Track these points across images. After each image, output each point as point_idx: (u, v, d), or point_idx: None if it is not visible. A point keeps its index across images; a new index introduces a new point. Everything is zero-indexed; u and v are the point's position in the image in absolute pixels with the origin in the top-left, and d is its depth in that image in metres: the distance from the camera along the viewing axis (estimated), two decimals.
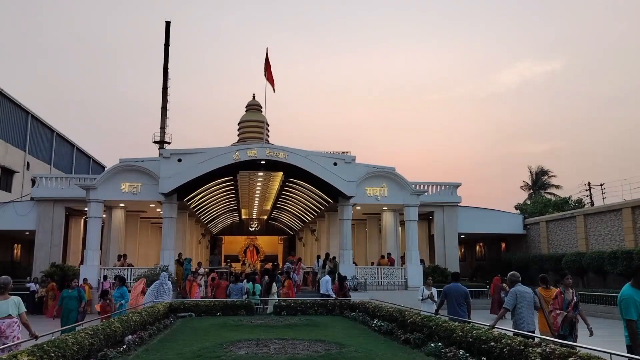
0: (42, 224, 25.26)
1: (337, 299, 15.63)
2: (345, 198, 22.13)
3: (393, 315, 11.17)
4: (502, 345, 6.81)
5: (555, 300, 8.96)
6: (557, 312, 8.84)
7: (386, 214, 25.75)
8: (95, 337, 7.56)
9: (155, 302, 13.70)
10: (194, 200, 24.71)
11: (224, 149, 22.28)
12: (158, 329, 11.01)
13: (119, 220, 24.48)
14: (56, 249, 25.23)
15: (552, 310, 8.98)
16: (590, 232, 24.89)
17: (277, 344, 8.85)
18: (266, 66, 25.74)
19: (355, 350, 8.29)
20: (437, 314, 10.20)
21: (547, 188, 48.90)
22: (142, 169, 21.63)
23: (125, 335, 9.04)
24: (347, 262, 21.84)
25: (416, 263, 22.44)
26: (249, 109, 37.86)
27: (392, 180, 23.04)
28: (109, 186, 21.59)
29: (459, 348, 7.75)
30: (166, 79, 50.93)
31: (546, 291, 9.45)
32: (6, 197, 31.04)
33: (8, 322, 7.25)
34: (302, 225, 35.54)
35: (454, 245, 28.08)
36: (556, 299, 8.98)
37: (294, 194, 27.78)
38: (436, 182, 28.40)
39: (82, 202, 23.11)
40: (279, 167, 22.34)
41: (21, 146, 35.56)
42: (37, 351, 5.80)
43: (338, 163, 22.17)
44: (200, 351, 8.11)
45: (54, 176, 27.62)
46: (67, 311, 12.51)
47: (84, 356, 7.00)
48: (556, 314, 8.88)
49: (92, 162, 50.83)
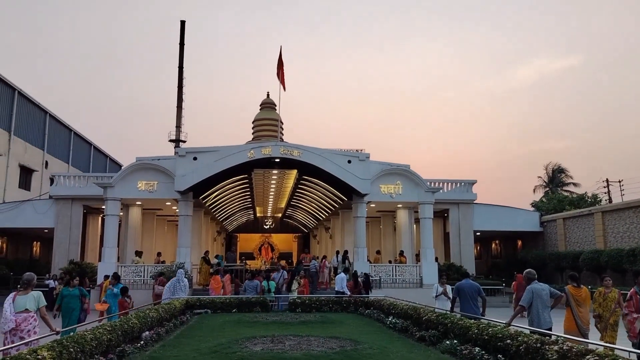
0: (61, 222, 25.63)
1: (351, 297, 15.65)
2: (360, 196, 22.09)
3: (408, 313, 11.17)
4: (518, 343, 6.78)
5: (630, 302, 8.41)
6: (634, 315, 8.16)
7: (401, 211, 25.67)
8: (113, 333, 7.68)
9: (172, 299, 13.85)
10: (209, 198, 24.87)
11: (239, 147, 22.39)
12: (174, 325, 11.15)
13: (135, 218, 24.74)
14: (74, 246, 25.59)
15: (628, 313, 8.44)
16: (609, 230, 24.56)
17: (292, 340, 8.90)
18: (279, 65, 25.82)
19: (370, 347, 8.31)
20: (453, 311, 10.16)
21: (564, 186, 48.27)
22: (158, 167, 21.83)
23: (143, 332, 9.17)
24: (361, 260, 21.82)
25: (431, 261, 22.34)
26: (263, 107, 37.99)
27: (407, 178, 22.95)
28: (126, 184, 21.83)
29: (475, 345, 7.73)
30: (181, 78, 51.34)
31: (576, 290, 9.19)
32: (25, 196, 31.58)
33: (24, 316, 7.38)
34: (317, 223, 35.59)
35: (470, 243, 27.89)
36: (631, 300, 8.41)
37: (308, 192, 27.82)
38: (451, 179, 28.22)
39: (99, 200, 23.40)
40: (293, 165, 22.37)
41: (40, 145, 36.14)
42: (56, 346, 5.92)
43: (352, 161, 22.14)
44: (216, 347, 8.19)
45: (72, 175, 28.00)
46: (68, 310, 11.79)
47: (102, 351, 7.12)
48: (633, 318, 8.22)
49: (109, 160, 51.46)
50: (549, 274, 27.04)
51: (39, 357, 5.35)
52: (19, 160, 32.81)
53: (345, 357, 7.46)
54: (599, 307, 9.74)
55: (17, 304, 7.39)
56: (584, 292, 9.33)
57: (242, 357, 7.34)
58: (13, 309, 7.31)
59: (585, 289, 9.62)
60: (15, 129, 32.38)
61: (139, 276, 21.41)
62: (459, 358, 7.56)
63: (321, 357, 7.40)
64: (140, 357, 7.61)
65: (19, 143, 32.96)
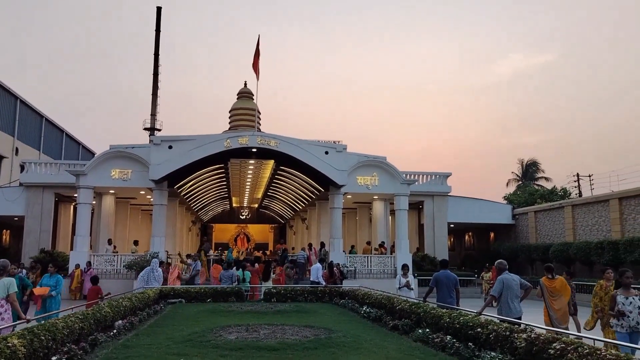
0: (31, 210, 25.10)
1: (326, 287, 15.75)
2: (336, 187, 22.17)
3: (382, 302, 11.30)
4: (488, 331, 6.95)
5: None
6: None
7: (377, 203, 25.87)
8: (85, 322, 7.60)
9: (146, 288, 13.73)
10: (184, 188, 24.63)
11: (215, 137, 22.19)
12: (148, 315, 11.07)
13: (108, 207, 24.36)
14: (45, 234, 25.10)
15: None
16: (578, 223, 25.20)
17: (266, 329, 8.94)
18: (256, 54, 25.55)
19: (344, 335, 8.39)
20: (425, 301, 10.32)
21: (536, 180, 49.32)
22: (133, 155, 21.50)
23: (116, 320, 9.08)
24: (337, 251, 21.95)
25: (406, 252, 22.60)
26: (240, 96, 37.68)
27: (383, 170, 23.11)
28: (99, 172, 21.45)
29: (447, 334, 7.88)
30: (157, 65, 50.51)
31: (550, 281, 9.29)
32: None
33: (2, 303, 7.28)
34: (293, 214, 35.59)
35: (444, 235, 28.30)
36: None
37: (285, 183, 27.78)
38: (426, 171, 28.53)
39: (71, 188, 22.97)
40: (270, 155, 22.29)
41: (10, 131, 35.20)
42: (27, 334, 5.83)
43: (329, 152, 22.17)
44: (190, 336, 8.17)
45: (43, 162, 27.38)
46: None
47: (74, 340, 7.04)
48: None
49: (81, 148, 50.47)
50: (521, 266, 27.65)
51: (9, 344, 5.26)
52: None
53: (319, 345, 7.53)
54: (600, 302, 9.17)
55: None
56: (558, 282, 9.45)
57: (216, 346, 7.34)
58: None
59: (561, 279, 9.70)
60: None
61: (112, 265, 21.15)
62: (431, 346, 7.70)
63: (295, 345, 7.45)
64: (113, 345, 7.55)
65: None
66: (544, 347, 5.72)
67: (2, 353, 5.10)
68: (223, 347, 7.21)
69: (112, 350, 7.19)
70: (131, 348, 7.30)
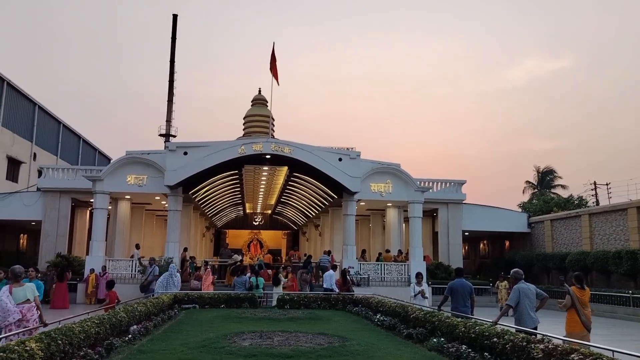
0: (49, 215, 25.42)
1: (340, 294, 15.71)
2: (350, 194, 22.16)
3: (396, 311, 11.23)
4: (504, 341, 6.86)
5: None
6: None
7: (390, 210, 25.78)
8: (101, 326, 7.66)
9: (162, 294, 13.82)
10: (199, 194, 24.79)
11: (230, 143, 22.35)
12: (163, 320, 11.13)
13: (124, 212, 24.60)
14: (62, 239, 25.39)
15: None
16: (595, 232, 24.85)
17: (280, 336, 8.93)
18: (272, 60, 25.74)
19: (358, 343, 8.35)
20: (440, 310, 10.23)
21: (552, 187, 48.78)
22: (148, 161, 21.72)
23: (131, 325, 9.14)
24: (350, 258, 21.90)
25: (419, 260, 22.48)
26: (254, 103, 37.93)
27: (397, 177, 23.05)
28: (115, 178, 21.70)
29: (462, 343, 7.80)
30: (173, 72, 50.99)
31: (581, 291, 9.07)
32: (13, 187, 31.24)
33: (28, 306, 7.49)
34: (306, 220, 35.61)
35: (458, 243, 28.09)
36: None
37: (298, 189, 27.83)
38: (441, 179, 28.40)
39: (88, 193, 23.24)
40: (284, 162, 22.37)
41: (28, 137, 35.75)
42: (45, 338, 5.90)
43: (343, 159, 22.18)
44: (204, 342, 8.19)
45: (60, 167, 27.76)
46: None
47: (90, 344, 7.10)
48: None
49: (98, 154, 51.04)
50: (536, 275, 27.34)
51: (27, 348, 5.33)
52: (6, 152, 32.43)
53: (333, 353, 7.50)
54: None
55: (16, 295, 7.44)
56: (587, 293, 9.28)
57: (230, 352, 7.35)
58: (13, 301, 7.32)
59: (589, 291, 9.50)
60: (3, 120, 32.01)
61: (127, 270, 21.32)
62: (446, 355, 7.63)
63: (309, 352, 7.43)
64: (129, 350, 7.60)
65: (7, 134, 32.59)
66: (562, 359, 5.64)
67: (21, 356, 5.16)
68: (237, 354, 7.21)
69: (127, 355, 7.23)
70: (146, 353, 7.34)
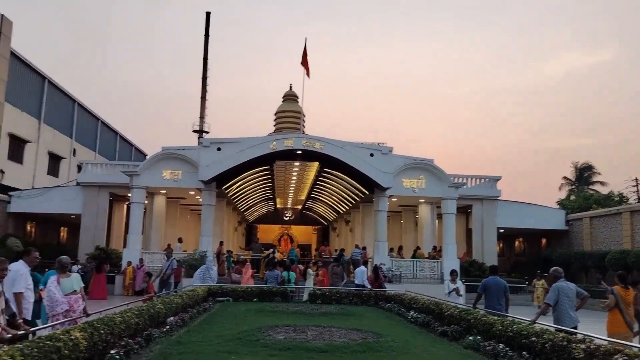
0: (88, 209, 26.15)
1: (372, 290, 15.66)
2: (381, 189, 22.04)
3: (430, 308, 11.13)
4: (544, 340, 6.71)
5: None
6: None
7: (423, 206, 25.53)
8: (140, 317, 7.84)
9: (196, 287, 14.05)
10: (231, 189, 25.11)
11: (262, 139, 22.56)
12: (198, 312, 11.32)
13: (160, 206, 25.10)
14: (100, 232, 26.10)
15: None
16: (637, 230, 24.06)
17: (314, 331, 8.97)
18: (304, 55, 25.92)
19: (392, 340, 8.32)
20: (475, 307, 10.10)
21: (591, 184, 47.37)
22: (183, 157, 22.11)
23: (168, 317, 9.34)
24: (381, 254, 21.80)
25: (453, 257, 22.21)
26: (285, 99, 38.13)
27: (430, 172, 22.80)
28: (152, 173, 22.16)
29: (499, 342, 7.68)
30: (206, 69, 51.72)
31: (625, 291, 8.83)
32: (54, 182, 32.28)
33: (75, 297, 7.69)
34: (337, 216, 35.61)
35: (492, 240, 27.62)
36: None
37: (329, 185, 27.85)
38: (475, 174, 27.97)
39: (125, 188, 23.81)
40: (315, 157, 22.42)
41: (68, 133, 36.86)
42: (88, 328, 6.08)
43: (374, 154, 22.08)
44: (239, 334, 8.30)
45: (99, 163, 28.54)
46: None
47: (130, 334, 7.28)
48: None
49: (134, 149, 52.23)
50: (574, 274, 26.64)
51: (72, 337, 5.50)
52: (48, 148, 33.53)
53: (367, 348, 7.49)
54: None
55: (64, 286, 7.61)
56: (631, 293, 9.02)
57: (265, 345, 7.43)
58: (61, 291, 7.53)
59: (632, 291, 9.24)
60: (44, 117, 33.08)
61: (162, 263, 21.72)
62: (483, 354, 7.52)
63: (344, 347, 7.44)
64: (167, 341, 7.76)
65: (48, 131, 33.67)
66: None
67: (66, 345, 5.33)
68: (272, 347, 7.28)
69: (165, 345, 7.39)
70: (184, 344, 7.49)
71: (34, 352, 4.62)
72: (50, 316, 7.47)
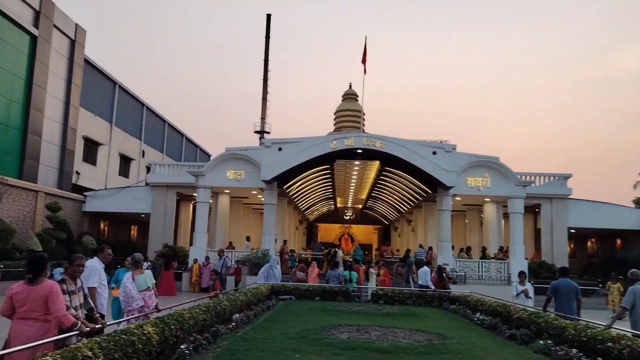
0: (156, 208, 27.26)
1: (436, 291, 15.38)
2: (445, 188, 21.59)
3: (497, 310, 10.79)
4: (620, 346, 6.35)
5: None
6: None
7: (488, 205, 24.77)
8: (207, 314, 8.08)
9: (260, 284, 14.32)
10: (292, 188, 25.43)
11: (322, 138, 22.68)
12: (262, 310, 11.52)
13: (224, 206, 25.79)
14: (168, 230, 27.15)
15: None
16: None
17: (377, 331, 8.91)
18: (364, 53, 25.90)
19: (458, 342, 8.12)
20: (546, 310, 9.70)
21: None
22: (246, 157, 22.62)
23: (233, 314, 9.56)
24: (445, 254, 21.36)
25: (521, 258, 21.43)
26: (345, 98, 38.17)
27: (496, 170, 22.10)
28: (216, 173, 22.82)
29: (571, 347, 7.34)
30: (266, 71, 52.71)
31: None
32: (124, 182, 33.96)
33: (149, 294, 8.05)
34: (398, 215, 35.25)
35: (563, 240, 26.38)
36: None
37: (390, 183, 27.60)
38: (543, 172, 26.81)
39: (191, 187, 24.64)
40: (375, 156, 22.29)
41: (137, 136, 38.65)
42: (159, 323, 6.33)
43: (437, 152, 21.66)
44: (303, 332, 8.37)
45: (166, 163, 29.70)
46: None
47: (198, 330, 7.52)
48: None
49: (199, 150, 54.02)
50: None
51: (144, 331, 5.74)
52: (119, 150, 35.31)
53: (432, 350, 7.35)
54: None
55: (138, 282, 7.97)
56: None
57: (329, 344, 7.45)
58: (136, 288, 7.90)
59: None
60: (115, 120, 34.86)
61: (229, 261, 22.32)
62: (554, 359, 7.20)
63: (408, 349, 7.34)
64: (233, 337, 7.95)
65: (119, 133, 35.44)
66: None
67: (140, 339, 5.57)
68: (336, 346, 7.29)
69: (232, 342, 7.56)
70: (249, 341, 7.64)
71: (111, 345, 4.86)
72: (125, 311, 7.82)
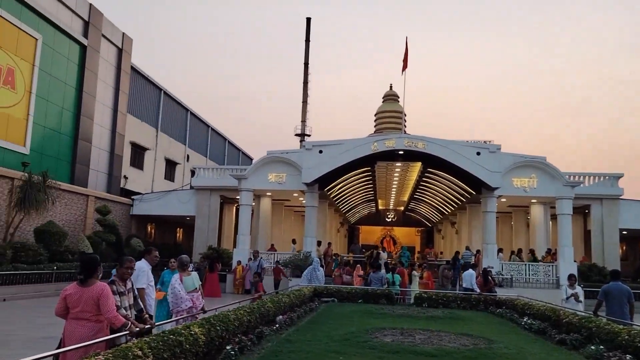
0: (201, 211, 27.84)
1: (481, 294, 15.05)
2: (489, 189, 21.14)
3: (545, 314, 10.49)
4: None
5: None
6: None
7: (535, 206, 24.06)
8: (252, 315, 8.18)
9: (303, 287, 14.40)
10: (333, 190, 25.44)
11: (362, 140, 22.61)
12: (305, 312, 11.57)
13: (266, 208, 26.08)
14: (212, 233, 27.67)
15: None
16: None
17: (422, 335, 8.79)
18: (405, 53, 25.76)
19: (506, 347, 7.92)
20: (597, 315, 9.35)
21: None
22: (287, 160, 22.81)
23: (277, 315, 9.65)
24: (490, 257, 20.90)
25: (569, 260, 20.72)
26: (386, 99, 37.93)
27: (543, 171, 21.48)
28: (258, 176, 23.11)
29: (625, 353, 7.05)
30: (307, 74, 53.02)
31: None
32: (170, 186, 34.86)
33: (196, 295, 8.24)
34: (441, 218, 34.71)
35: (614, 242, 25.34)
36: None
37: (432, 185, 27.23)
38: (593, 172, 25.85)
39: (234, 190, 25.03)
40: (417, 158, 22.06)
41: (182, 140, 39.61)
42: (205, 324, 6.46)
43: (481, 152, 21.24)
44: (347, 335, 8.36)
45: (210, 167, 30.30)
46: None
47: (243, 331, 7.62)
48: None
49: (241, 154, 54.86)
50: None
51: (191, 332, 5.87)
52: (164, 154, 36.27)
53: (479, 355, 7.19)
54: None
55: (186, 284, 8.16)
56: None
57: (373, 347, 7.41)
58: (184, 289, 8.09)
59: None
60: (161, 126, 35.84)
61: (270, 263, 22.56)
62: None
63: (454, 353, 7.21)
64: (277, 339, 8.02)
65: (165, 138, 36.42)
66: None
67: (187, 339, 5.70)
68: (380, 349, 7.25)
69: (276, 343, 7.63)
70: (293, 343, 7.69)
71: (160, 345, 5.00)
72: (174, 312, 8.01)
